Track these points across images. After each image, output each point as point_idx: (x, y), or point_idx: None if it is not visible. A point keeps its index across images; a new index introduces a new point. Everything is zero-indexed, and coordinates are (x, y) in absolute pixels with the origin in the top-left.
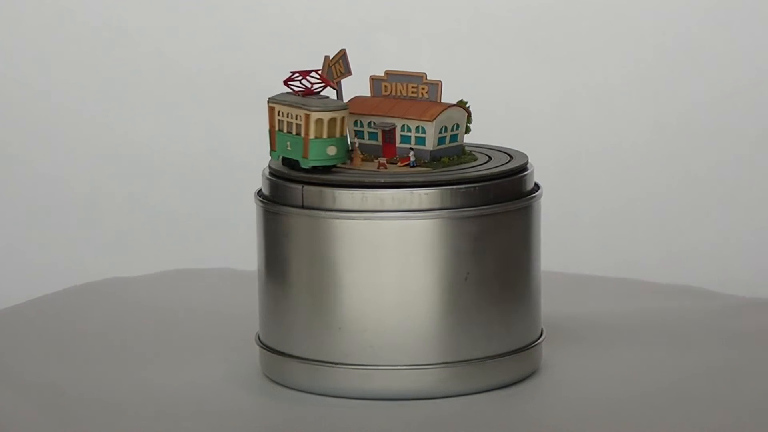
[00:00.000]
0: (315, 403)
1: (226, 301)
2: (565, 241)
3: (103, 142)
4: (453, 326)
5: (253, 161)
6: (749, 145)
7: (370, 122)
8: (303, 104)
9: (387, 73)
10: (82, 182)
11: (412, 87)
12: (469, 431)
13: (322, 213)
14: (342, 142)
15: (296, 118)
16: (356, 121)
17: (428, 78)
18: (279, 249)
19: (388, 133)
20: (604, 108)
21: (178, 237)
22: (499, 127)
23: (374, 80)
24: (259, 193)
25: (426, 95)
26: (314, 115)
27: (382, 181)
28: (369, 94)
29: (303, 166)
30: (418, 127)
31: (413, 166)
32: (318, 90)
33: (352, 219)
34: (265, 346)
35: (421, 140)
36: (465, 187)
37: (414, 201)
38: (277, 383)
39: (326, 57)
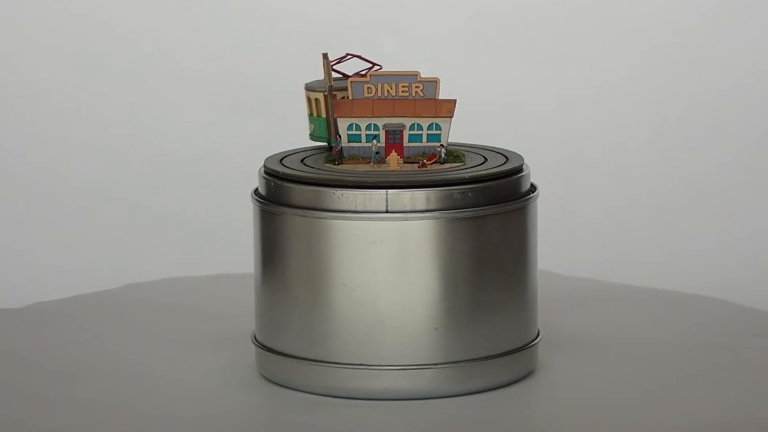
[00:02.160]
0: (311, 403)
1: (224, 300)
2: (565, 242)
3: (102, 142)
4: (449, 327)
5: (253, 161)
6: (749, 145)
7: (369, 125)
8: None
9: (370, 74)
10: (81, 182)
11: (403, 86)
12: (464, 431)
13: (319, 213)
14: (316, 121)
15: None
16: (351, 125)
17: (423, 76)
18: (275, 248)
19: (395, 134)
20: (604, 108)
21: (178, 237)
22: (498, 128)
23: (354, 83)
24: (256, 192)
25: (422, 93)
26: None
27: (379, 181)
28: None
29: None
30: (431, 125)
31: (443, 162)
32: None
33: (349, 219)
34: (261, 345)
35: (434, 137)
36: (462, 188)
37: (410, 202)
38: (273, 382)
39: (325, 56)
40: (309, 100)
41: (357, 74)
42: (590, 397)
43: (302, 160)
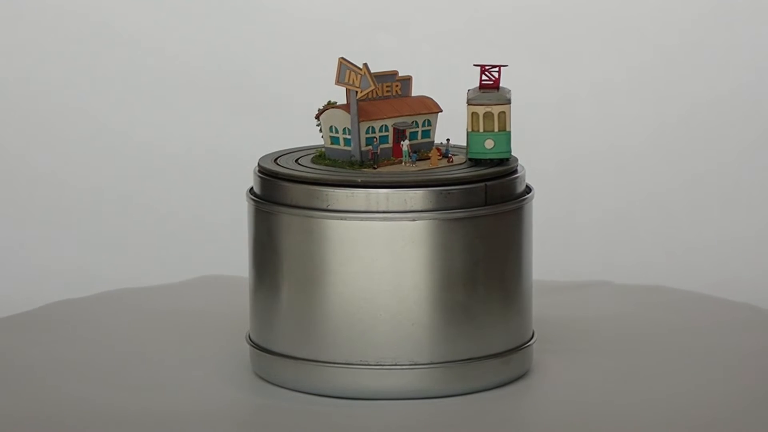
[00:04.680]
0: (305, 402)
1: (220, 300)
2: (563, 242)
3: (101, 141)
4: (443, 327)
5: (252, 160)
6: (749, 145)
7: (382, 126)
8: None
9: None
10: (80, 182)
11: (387, 86)
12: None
13: (314, 212)
14: (497, 137)
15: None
16: (369, 128)
17: (399, 74)
18: (270, 247)
19: (402, 133)
20: (604, 108)
21: (177, 237)
22: None
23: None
24: (251, 191)
25: (399, 92)
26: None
27: (374, 181)
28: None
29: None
30: (425, 121)
31: (448, 156)
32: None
33: (344, 219)
34: (255, 345)
35: (426, 133)
36: (457, 189)
37: (406, 202)
38: (268, 382)
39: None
40: (489, 115)
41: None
42: (585, 398)
43: (297, 160)
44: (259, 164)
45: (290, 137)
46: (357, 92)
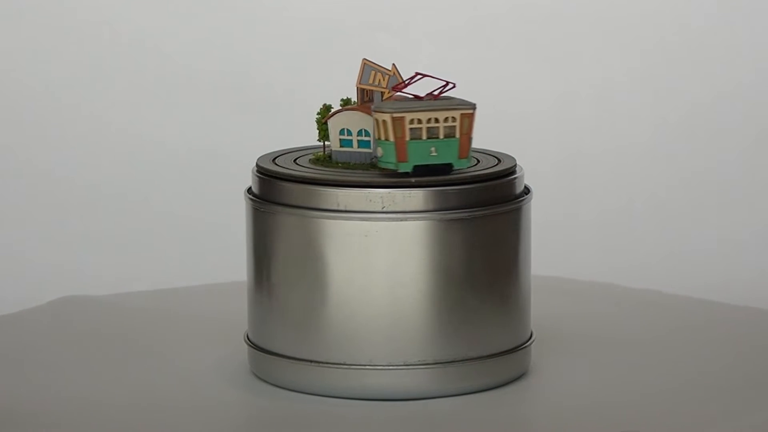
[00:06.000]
0: (304, 402)
1: (219, 300)
2: (563, 242)
3: (101, 140)
4: (442, 327)
5: (251, 161)
6: (749, 145)
7: None
8: (448, 106)
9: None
10: (81, 182)
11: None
12: None
13: (312, 212)
14: (384, 146)
15: (448, 120)
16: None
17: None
18: (268, 247)
19: None
20: (604, 108)
21: (176, 237)
22: (497, 128)
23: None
24: (249, 190)
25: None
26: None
27: (374, 181)
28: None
29: (457, 166)
30: None
31: None
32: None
33: (342, 219)
34: (253, 345)
35: None
36: (455, 189)
37: (404, 202)
38: (267, 382)
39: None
40: (377, 122)
41: (429, 94)
42: (584, 398)
43: (295, 160)
44: (257, 164)
45: (289, 137)
46: (383, 93)
